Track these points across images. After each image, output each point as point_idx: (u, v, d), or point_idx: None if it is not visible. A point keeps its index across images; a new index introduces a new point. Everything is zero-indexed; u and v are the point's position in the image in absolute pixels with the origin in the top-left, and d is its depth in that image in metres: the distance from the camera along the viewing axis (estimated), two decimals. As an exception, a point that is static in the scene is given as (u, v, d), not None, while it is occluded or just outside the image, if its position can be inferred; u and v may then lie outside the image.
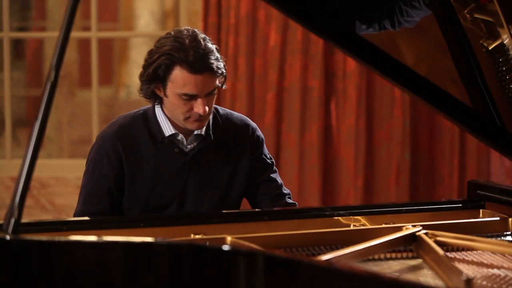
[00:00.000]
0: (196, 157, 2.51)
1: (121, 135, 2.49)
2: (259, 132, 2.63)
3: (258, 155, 2.60)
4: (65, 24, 1.93)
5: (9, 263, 1.84)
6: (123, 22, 7.25)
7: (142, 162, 2.49)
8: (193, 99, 2.40)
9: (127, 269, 1.86)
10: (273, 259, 1.79)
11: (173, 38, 2.40)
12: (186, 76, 2.36)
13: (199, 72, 2.36)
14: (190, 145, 2.51)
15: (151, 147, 2.49)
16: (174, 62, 2.37)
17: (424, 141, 4.69)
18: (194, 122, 2.44)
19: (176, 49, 2.36)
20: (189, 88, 2.37)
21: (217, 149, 2.54)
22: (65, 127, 6.57)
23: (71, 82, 6.62)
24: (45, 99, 1.90)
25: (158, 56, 2.39)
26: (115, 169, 2.47)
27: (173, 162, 2.49)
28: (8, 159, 5.03)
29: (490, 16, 2.29)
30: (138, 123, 2.51)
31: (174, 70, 2.37)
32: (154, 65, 2.39)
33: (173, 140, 2.50)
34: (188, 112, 2.42)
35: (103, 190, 2.48)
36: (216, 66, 2.38)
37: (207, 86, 2.39)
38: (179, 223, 2.26)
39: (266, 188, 2.60)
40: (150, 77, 2.41)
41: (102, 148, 2.49)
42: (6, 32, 4.96)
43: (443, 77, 2.43)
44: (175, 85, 2.38)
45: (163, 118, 2.49)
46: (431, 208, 2.46)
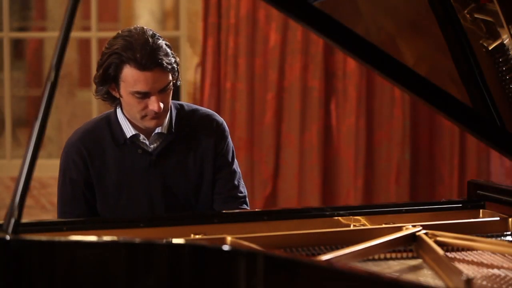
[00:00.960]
0: (160, 156, 2.50)
1: (85, 140, 2.49)
2: (224, 126, 2.59)
3: (220, 150, 2.56)
4: (65, 24, 1.93)
5: (9, 263, 1.84)
6: (123, 22, 7.24)
7: (108, 166, 2.49)
8: (146, 96, 2.39)
9: (127, 269, 1.85)
10: (273, 259, 1.79)
11: (121, 37, 2.40)
12: (136, 73, 2.36)
13: (147, 69, 2.35)
14: (153, 145, 2.50)
15: (115, 150, 2.49)
16: (122, 61, 2.37)
17: (424, 141, 4.69)
18: (151, 120, 2.43)
19: (124, 48, 2.36)
20: (140, 85, 2.37)
21: (181, 146, 2.52)
22: (65, 127, 6.57)
23: (71, 82, 6.62)
24: (45, 99, 1.90)
25: (107, 56, 2.39)
26: (82, 174, 2.48)
27: (138, 163, 2.49)
28: (8, 159, 5.03)
29: (490, 16, 2.29)
30: (101, 127, 2.52)
31: (124, 69, 2.37)
32: (105, 65, 2.39)
33: (135, 141, 2.49)
34: (144, 111, 2.41)
35: (78, 196, 2.49)
36: (165, 62, 2.37)
37: (158, 83, 2.38)
38: (179, 223, 2.25)
39: (219, 187, 2.56)
40: (102, 78, 2.41)
41: (68, 154, 2.50)
42: (6, 32, 4.96)
43: (443, 77, 2.43)
44: (126, 84, 2.38)
45: (123, 120, 2.49)
46: (431, 208, 2.46)
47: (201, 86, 4.75)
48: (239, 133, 4.58)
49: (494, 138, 2.28)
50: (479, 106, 2.30)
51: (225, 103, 4.62)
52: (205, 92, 4.70)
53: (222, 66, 4.66)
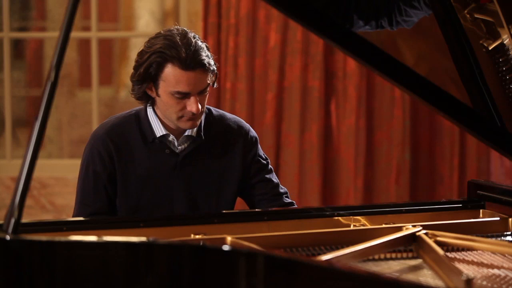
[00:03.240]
0: (187, 158, 2.50)
1: (113, 135, 2.49)
2: (253, 133, 2.62)
3: (252, 156, 2.58)
4: (65, 24, 1.93)
5: (9, 263, 1.84)
6: (123, 22, 7.24)
7: (134, 162, 2.48)
8: (186, 97, 2.39)
9: (127, 269, 1.85)
10: (273, 259, 1.79)
11: (163, 36, 2.40)
12: (178, 73, 2.36)
13: (191, 68, 2.36)
14: (181, 146, 2.51)
15: (142, 147, 2.49)
16: (165, 59, 2.36)
17: (424, 141, 4.69)
18: (187, 121, 2.43)
19: (167, 47, 2.36)
20: (181, 85, 2.37)
21: (208, 150, 2.53)
22: (65, 127, 6.57)
23: (71, 82, 6.62)
24: (45, 99, 1.90)
25: (149, 55, 2.38)
26: (107, 168, 2.47)
27: (164, 163, 2.49)
28: (8, 159, 5.03)
29: (490, 16, 2.29)
30: (130, 123, 2.51)
31: (166, 68, 2.37)
32: (146, 64, 2.38)
33: (164, 141, 2.49)
34: (181, 111, 2.41)
35: (100, 189, 2.48)
36: (207, 62, 2.38)
37: (200, 83, 2.39)
38: (179, 223, 2.25)
39: (262, 189, 2.59)
40: (142, 77, 2.40)
41: (94, 147, 2.49)
42: (6, 32, 4.96)
43: (443, 77, 2.43)
44: (167, 83, 2.38)
45: (154, 119, 2.49)
46: (431, 208, 2.46)
47: (201, 86, 4.75)
48: (239, 133, 4.57)
49: (494, 138, 2.28)
50: (479, 106, 2.30)
51: (225, 103, 4.62)
52: (205, 92, 4.69)
53: (222, 66, 4.65)
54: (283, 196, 2.62)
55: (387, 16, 2.35)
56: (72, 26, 1.94)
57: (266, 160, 2.63)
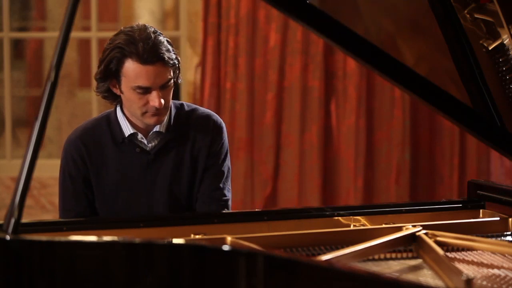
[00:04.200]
0: (158, 155, 2.50)
1: (84, 138, 2.50)
2: (222, 126, 2.57)
3: (213, 150, 2.54)
4: (65, 24, 1.93)
5: (9, 263, 1.84)
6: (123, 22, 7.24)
7: (106, 164, 2.49)
8: (147, 92, 2.39)
9: (127, 269, 1.85)
10: (273, 259, 1.79)
11: (124, 33, 2.41)
12: (137, 67, 2.36)
13: (149, 62, 2.36)
14: (151, 143, 2.50)
15: (113, 148, 2.49)
16: (124, 55, 2.37)
17: (424, 141, 4.69)
18: (151, 116, 2.42)
19: (126, 43, 2.37)
20: (141, 80, 2.37)
21: (179, 145, 2.51)
22: (65, 127, 6.57)
23: (71, 82, 6.62)
24: (45, 99, 1.90)
25: (109, 51, 2.39)
26: (81, 171, 2.48)
27: (136, 162, 2.49)
28: (8, 159, 5.03)
29: (490, 16, 2.29)
30: (101, 125, 2.52)
31: (125, 63, 2.38)
32: (106, 60, 2.40)
33: (133, 140, 2.49)
34: (145, 107, 2.41)
35: (78, 193, 2.49)
36: (167, 56, 2.37)
37: (160, 78, 2.38)
38: (179, 223, 2.25)
39: (203, 187, 2.53)
40: (103, 74, 2.41)
41: (68, 151, 2.51)
42: (6, 32, 4.96)
43: (443, 77, 2.43)
44: (127, 78, 2.39)
45: (122, 119, 2.49)
46: (431, 208, 2.46)
47: (201, 86, 4.75)
48: (239, 133, 4.58)
49: (494, 138, 2.28)
50: (479, 106, 2.30)
51: (225, 103, 4.62)
52: (205, 92, 4.70)
53: (222, 66, 4.66)
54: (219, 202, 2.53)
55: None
56: (72, 26, 1.94)
57: (223, 160, 2.57)
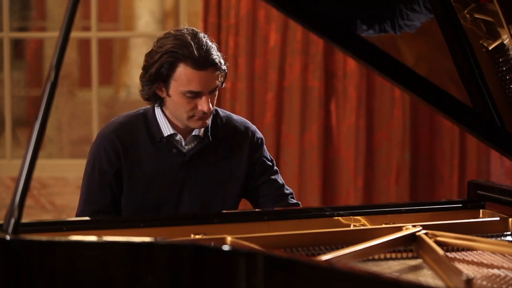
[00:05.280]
0: (193, 158, 2.51)
1: (120, 133, 2.49)
2: (259, 134, 2.62)
3: (258, 157, 2.58)
4: (65, 24, 1.93)
5: (9, 263, 1.84)
6: (123, 22, 7.24)
7: (140, 161, 2.48)
8: (197, 96, 2.40)
9: (127, 269, 1.86)
10: (273, 259, 1.79)
11: (174, 36, 2.40)
12: (191, 72, 2.36)
13: (203, 68, 2.36)
14: (188, 146, 2.51)
15: (149, 146, 2.49)
16: (178, 59, 2.36)
17: (424, 141, 4.69)
18: (197, 120, 2.43)
19: (179, 46, 2.36)
20: (193, 85, 2.37)
21: (215, 151, 2.53)
22: (65, 127, 6.57)
23: (71, 82, 6.62)
24: (45, 99, 1.90)
25: (160, 55, 2.38)
26: (114, 166, 2.47)
27: (171, 162, 2.49)
28: (8, 159, 5.03)
29: (490, 16, 2.29)
30: (137, 122, 2.51)
31: (178, 68, 2.37)
32: (157, 65, 2.38)
33: (171, 140, 2.50)
34: (192, 111, 2.42)
35: (105, 187, 2.48)
36: (219, 61, 2.40)
37: (211, 83, 2.40)
38: (179, 223, 2.25)
39: (267, 190, 2.58)
40: (153, 77, 2.40)
41: (101, 145, 2.49)
42: (6, 32, 4.96)
43: (443, 77, 2.43)
44: (179, 83, 2.38)
45: (162, 118, 2.49)
46: (431, 208, 2.46)
47: (201, 86, 4.75)
48: (239, 133, 4.57)
49: (494, 138, 2.28)
50: (479, 106, 2.30)
51: (225, 103, 4.62)
52: (205, 92, 4.69)
53: (222, 66, 4.65)
54: (288, 197, 2.61)
55: (390, 20, 2.35)
56: (72, 26, 1.94)
57: (271, 161, 2.63)
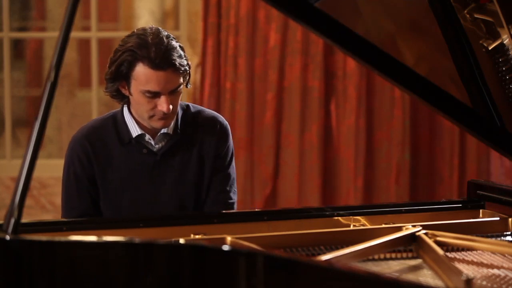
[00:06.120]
0: (165, 156, 2.50)
1: (90, 137, 2.50)
2: (227, 129, 2.59)
3: (219, 152, 2.56)
4: (65, 24, 1.93)
5: (9, 263, 1.84)
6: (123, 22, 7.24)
7: (112, 164, 2.49)
8: (156, 96, 2.39)
9: (127, 269, 1.85)
10: (273, 259, 1.79)
11: (136, 35, 2.40)
12: (148, 72, 2.36)
13: (160, 68, 2.36)
14: (158, 145, 2.51)
15: (120, 148, 2.49)
16: (136, 58, 2.37)
17: (424, 141, 4.69)
18: (158, 120, 2.43)
19: (139, 46, 2.37)
20: (151, 85, 2.37)
21: (186, 147, 2.52)
22: (65, 127, 6.57)
23: (71, 82, 6.61)
24: (45, 99, 1.90)
25: (121, 53, 2.39)
26: (86, 170, 2.48)
27: (143, 163, 2.49)
28: (8, 159, 5.03)
29: (490, 16, 2.29)
30: (107, 125, 2.52)
31: (136, 67, 2.38)
32: (117, 62, 2.39)
33: (140, 141, 2.50)
34: (152, 110, 2.41)
35: (83, 191, 2.49)
36: (178, 63, 2.37)
37: (170, 83, 2.39)
38: (179, 223, 2.25)
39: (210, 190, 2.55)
40: (114, 75, 2.41)
41: (73, 150, 2.51)
42: (6, 32, 4.96)
43: (443, 77, 2.43)
44: (138, 82, 2.38)
45: (130, 119, 2.49)
46: (431, 208, 2.46)
47: (201, 86, 4.75)
48: (239, 133, 4.58)
49: (494, 138, 2.28)
50: (479, 106, 2.30)
51: (225, 103, 4.62)
52: (205, 92, 4.69)
53: (222, 66, 4.65)
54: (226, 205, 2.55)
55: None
56: (72, 26, 1.94)
57: (229, 162, 2.59)
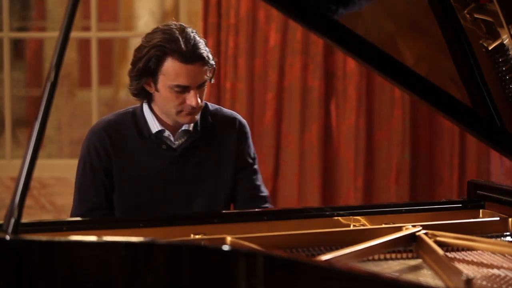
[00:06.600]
0: (184, 153, 2.51)
1: (109, 130, 2.50)
2: (246, 127, 2.60)
3: (241, 150, 2.57)
4: (65, 24, 1.93)
5: (9, 263, 1.84)
6: (123, 22, 7.24)
7: (130, 158, 2.49)
8: (185, 91, 2.40)
9: (127, 269, 1.85)
10: (273, 259, 1.79)
11: (162, 31, 2.40)
12: (178, 66, 2.37)
13: (191, 62, 2.36)
14: (178, 141, 2.51)
15: (139, 143, 2.50)
16: (165, 53, 2.37)
17: (424, 141, 4.69)
18: (186, 115, 2.44)
19: (167, 41, 2.36)
20: (181, 79, 2.37)
21: (205, 145, 2.53)
22: (65, 127, 6.57)
23: (71, 82, 6.62)
24: (45, 99, 1.90)
25: (148, 49, 2.38)
26: (104, 163, 2.48)
27: (161, 159, 2.49)
28: (8, 159, 5.03)
29: (490, 16, 2.29)
30: (126, 120, 2.52)
31: (165, 62, 2.37)
32: (145, 59, 2.39)
33: (160, 136, 2.50)
34: (181, 105, 2.42)
35: (97, 184, 2.49)
36: (206, 55, 2.39)
37: (199, 77, 2.40)
38: (179, 223, 2.25)
39: (241, 187, 2.57)
40: (141, 72, 2.40)
41: (91, 142, 2.50)
42: (6, 32, 4.96)
43: (443, 77, 2.43)
44: (167, 77, 2.38)
45: (150, 115, 2.50)
46: (431, 208, 2.46)
47: (201, 86, 4.74)
48: (239, 133, 4.57)
49: (494, 138, 2.28)
50: (479, 106, 2.30)
51: (225, 103, 4.62)
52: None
53: (222, 66, 4.65)
54: (261, 200, 2.59)
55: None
56: (72, 26, 1.94)
57: (253, 159, 2.61)
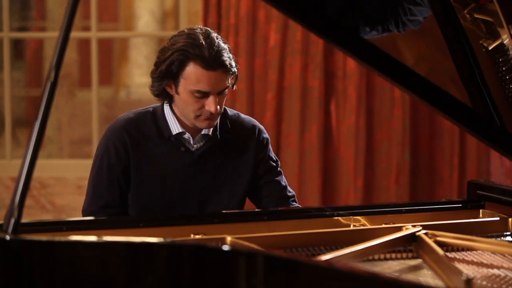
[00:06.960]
0: (202, 156, 2.51)
1: (129, 128, 2.50)
2: (265, 134, 2.64)
3: (262, 156, 2.59)
4: (65, 24, 1.93)
5: (9, 263, 1.84)
6: (123, 22, 7.24)
7: (149, 157, 2.49)
8: (205, 96, 2.40)
9: (127, 269, 1.85)
10: (273, 259, 1.79)
11: (187, 35, 2.40)
12: (200, 72, 2.37)
13: (212, 68, 2.37)
14: (197, 145, 2.52)
15: (158, 143, 2.50)
16: (188, 57, 2.37)
17: (424, 141, 4.69)
18: (204, 120, 2.44)
19: (191, 45, 2.37)
20: (202, 85, 2.38)
21: (223, 150, 2.54)
22: (65, 127, 6.57)
23: (71, 82, 6.62)
24: (45, 99, 1.90)
25: (171, 52, 2.39)
26: (122, 160, 2.48)
27: (179, 160, 2.50)
28: (8, 159, 5.03)
29: (490, 16, 2.29)
30: (146, 119, 2.52)
31: (188, 66, 2.38)
32: (168, 62, 2.39)
33: (180, 138, 2.51)
34: (199, 110, 2.42)
35: (113, 182, 2.49)
36: (229, 63, 2.40)
37: (220, 84, 2.40)
38: (179, 223, 2.25)
39: (269, 191, 2.59)
40: (163, 74, 2.41)
41: (109, 139, 2.50)
42: (6, 32, 4.96)
43: (443, 77, 2.43)
44: (188, 81, 2.39)
45: (171, 116, 2.50)
46: (431, 208, 2.46)
47: (201, 86, 4.75)
48: (239, 133, 4.57)
49: (494, 138, 2.28)
50: (479, 106, 2.30)
51: (225, 103, 4.61)
52: (205, 92, 4.69)
53: (222, 66, 4.65)
54: (289, 200, 2.61)
55: (393, 18, 2.34)
56: (72, 26, 1.94)
57: (276, 162, 2.64)
